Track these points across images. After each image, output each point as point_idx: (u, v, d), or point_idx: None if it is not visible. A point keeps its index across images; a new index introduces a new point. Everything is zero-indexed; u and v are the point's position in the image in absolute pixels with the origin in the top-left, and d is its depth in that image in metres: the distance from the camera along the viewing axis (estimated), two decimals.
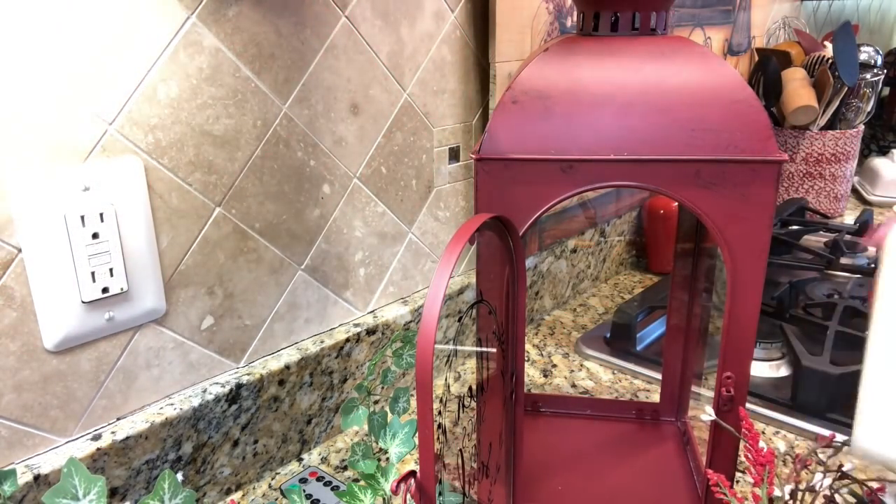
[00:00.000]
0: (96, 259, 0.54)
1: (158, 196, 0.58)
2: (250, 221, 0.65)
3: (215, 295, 0.64)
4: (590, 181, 0.50)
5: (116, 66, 0.53)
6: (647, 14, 0.52)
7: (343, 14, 0.68)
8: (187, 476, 0.63)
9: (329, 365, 0.73)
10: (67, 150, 0.52)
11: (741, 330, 0.51)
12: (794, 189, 1.40)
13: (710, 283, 0.67)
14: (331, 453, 0.74)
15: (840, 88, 1.29)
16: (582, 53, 0.52)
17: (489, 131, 0.51)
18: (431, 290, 0.38)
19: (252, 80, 0.62)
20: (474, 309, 0.54)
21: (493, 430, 0.57)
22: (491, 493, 0.57)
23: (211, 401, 0.63)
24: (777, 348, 0.86)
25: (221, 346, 0.66)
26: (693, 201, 0.50)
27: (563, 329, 1.01)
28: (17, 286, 0.51)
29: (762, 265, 0.50)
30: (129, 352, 0.59)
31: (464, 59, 0.82)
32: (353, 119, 0.71)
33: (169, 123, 0.57)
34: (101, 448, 0.56)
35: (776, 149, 0.48)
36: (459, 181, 0.87)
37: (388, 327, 0.79)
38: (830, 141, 1.34)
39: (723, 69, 0.49)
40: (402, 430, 0.56)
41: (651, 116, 0.49)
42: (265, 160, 0.65)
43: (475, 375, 0.64)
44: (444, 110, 0.82)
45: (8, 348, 0.52)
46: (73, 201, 0.52)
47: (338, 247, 0.74)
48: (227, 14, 0.59)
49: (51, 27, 0.49)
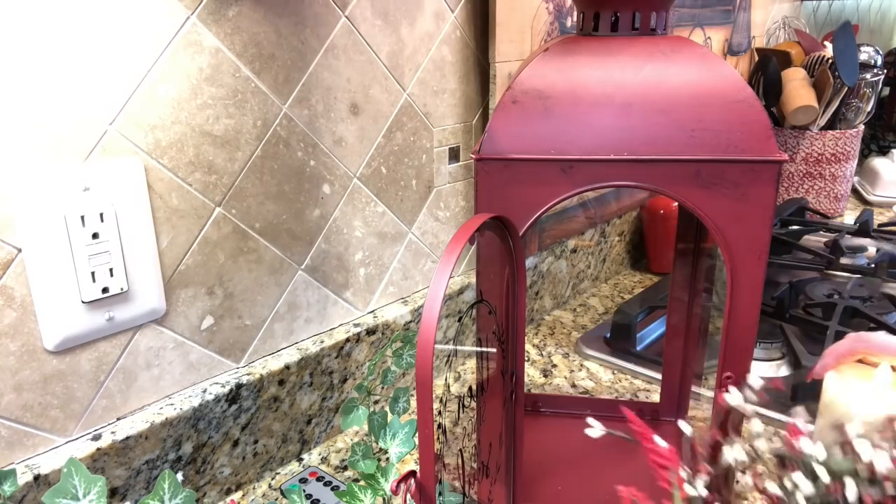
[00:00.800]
0: (96, 259, 0.54)
1: (158, 196, 0.58)
2: (250, 221, 0.65)
3: (215, 295, 0.64)
4: (590, 181, 0.50)
5: (116, 66, 0.53)
6: (647, 14, 0.52)
7: (343, 14, 0.68)
8: (187, 476, 0.63)
9: (329, 365, 0.73)
10: (67, 150, 0.52)
11: (741, 330, 0.51)
12: (794, 189, 1.40)
13: (710, 283, 0.67)
14: (331, 453, 0.74)
15: (840, 88, 1.29)
16: (582, 53, 0.52)
17: (489, 131, 0.51)
18: (431, 290, 0.38)
19: (252, 80, 0.62)
20: (474, 309, 0.54)
21: (493, 430, 0.57)
22: (491, 493, 0.57)
23: (211, 401, 0.63)
24: (777, 348, 0.86)
25: (221, 346, 0.66)
26: (693, 201, 0.50)
27: (563, 329, 1.01)
28: (17, 286, 0.51)
29: (762, 265, 0.50)
30: (129, 352, 0.59)
31: (464, 59, 0.82)
32: (353, 119, 0.72)
33: (169, 123, 0.57)
34: (101, 448, 0.56)
35: (776, 149, 0.48)
36: (459, 181, 0.87)
37: (388, 327, 0.79)
38: (830, 141, 1.34)
39: (723, 69, 0.49)
40: (402, 430, 0.56)
41: (651, 116, 0.49)
42: (265, 160, 0.65)
43: (475, 375, 0.64)
44: (444, 110, 0.82)
45: (8, 348, 0.52)
46: (73, 201, 0.52)
47: (338, 247, 0.74)
48: (227, 14, 0.59)
49: (51, 27, 0.49)
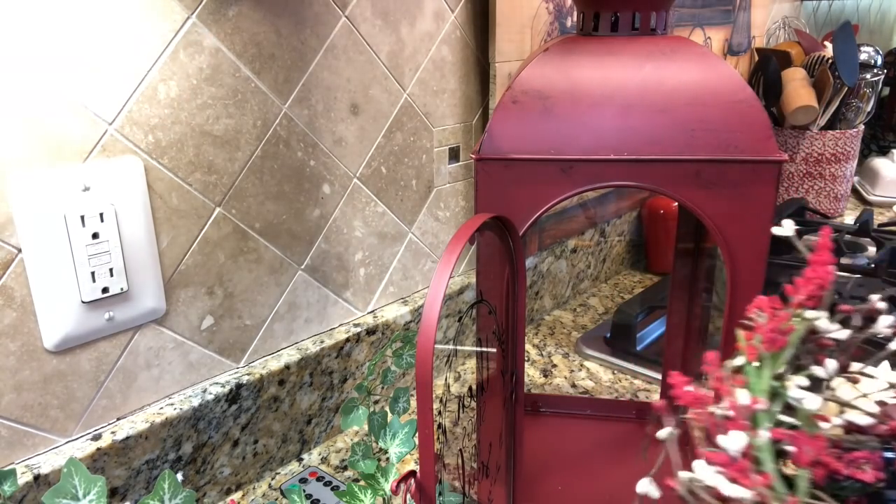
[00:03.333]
0: (96, 259, 0.54)
1: (158, 196, 0.58)
2: (250, 221, 0.65)
3: (215, 295, 0.64)
4: (590, 181, 0.50)
5: (117, 66, 0.53)
6: (647, 14, 0.52)
7: (343, 14, 0.68)
8: (187, 476, 0.63)
9: (329, 365, 0.73)
10: (67, 150, 0.52)
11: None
12: (794, 189, 1.40)
13: (710, 283, 0.67)
14: (331, 453, 0.74)
15: (840, 88, 1.29)
16: (582, 53, 0.52)
17: (489, 131, 0.51)
18: (431, 290, 0.38)
19: (252, 80, 0.62)
20: (474, 309, 0.54)
21: (493, 430, 0.57)
22: (491, 493, 0.57)
23: (211, 401, 0.63)
24: None
25: (221, 346, 0.66)
26: (693, 201, 0.50)
27: (563, 329, 1.01)
28: (17, 286, 0.51)
29: (762, 265, 0.50)
30: (129, 352, 0.59)
31: (464, 59, 0.82)
32: (353, 119, 0.71)
33: (169, 123, 0.57)
34: (101, 448, 0.56)
35: (776, 149, 0.48)
36: (459, 181, 0.87)
37: (388, 327, 0.79)
38: (830, 141, 1.34)
39: (723, 69, 0.49)
40: (402, 430, 0.56)
41: (651, 116, 0.49)
42: (265, 160, 0.65)
43: (475, 375, 0.64)
44: (444, 110, 0.82)
45: (8, 348, 0.52)
46: (73, 201, 0.52)
47: (338, 247, 0.74)
48: (227, 14, 0.59)
49: (51, 27, 0.49)
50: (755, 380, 0.37)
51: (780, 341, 0.37)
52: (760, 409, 0.35)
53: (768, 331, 0.37)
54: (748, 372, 0.37)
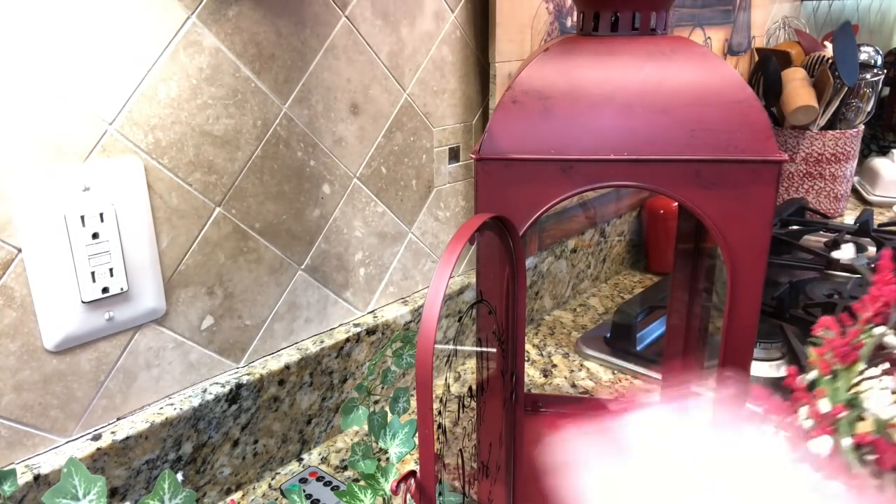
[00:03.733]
0: (96, 259, 0.54)
1: (158, 196, 0.58)
2: (250, 221, 0.65)
3: (215, 295, 0.64)
4: (590, 181, 0.50)
5: (116, 66, 0.53)
6: (647, 14, 0.52)
7: (343, 14, 0.68)
8: (187, 476, 0.63)
9: (329, 365, 0.73)
10: (67, 150, 0.52)
11: (741, 330, 0.51)
12: (794, 189, 1.40)
13: (710, 283, 0.67)
14: (331, 453, 0.74)
15: (840, 88, 1.29)
16: (582, 53, 0.52)
17: (489, 131, 0.51)
18: (431, 290, 0.38)
19: (252, 80, 0.62)
20: (474, 309, 0.54)
21: (493, 430, 0.57)
22: (491, 493, 0.57)
23: (211, 401, 0.63)
24: (777, 348, 0.86)
25: (221, 346, 0.66)
26: (693, 201, 0.50)
27: (563, 329, 1.01)
28: (17, 286, 0.51)
29: (762, 265, 0.50)
30: (129, 352, 0.59)
31: (464, 59, 0.82)
32: (353, 119, 0.71)
33: (169, 123, 0.57)
34: (101, 448, 0.56)
35: (776, 149, 0.48)
36: (459, 181, 0.87)
37: (388, 327, 0.79)
38: (830, 141, 1.34)
39: (723, 69, 0.49)
40: (402, 430, 0.56)
41: (651, 116, 0.49)
42: (265, 160, 0.65)
43: (475, 375, 0.64)
44: (444, 110, 0.82)
45: (8, 348, 0.52)
46: (73, 201, 0.52)
47: (338, 247, 0.74)
48: (227, 14, 0.59)
49: (51, 27, 0.49)
50: (833, 391, 0.38)
51: (853, 355, 0.38)
52: (841, 417, 0.37)
53: (841, 346, 0.39)
54: (823, 384, 0.39)
